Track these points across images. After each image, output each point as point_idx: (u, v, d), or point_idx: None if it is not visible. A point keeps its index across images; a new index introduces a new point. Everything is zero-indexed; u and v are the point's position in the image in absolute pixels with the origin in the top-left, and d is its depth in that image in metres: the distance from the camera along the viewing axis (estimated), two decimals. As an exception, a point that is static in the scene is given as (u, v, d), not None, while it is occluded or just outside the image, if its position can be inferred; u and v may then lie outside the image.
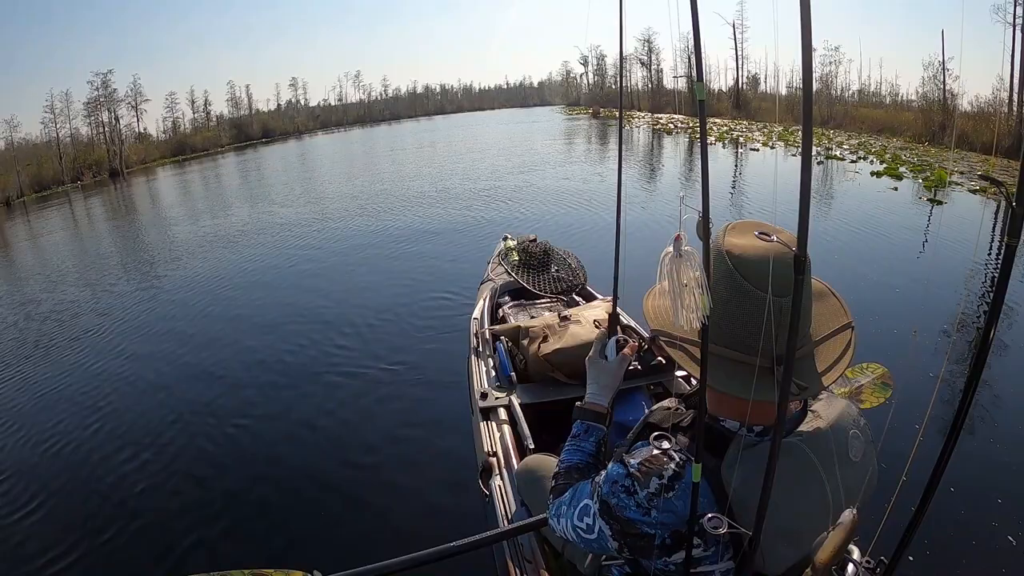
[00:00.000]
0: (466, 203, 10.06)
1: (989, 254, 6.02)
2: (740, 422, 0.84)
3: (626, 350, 1.20)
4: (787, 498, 0.80)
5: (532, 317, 2.99)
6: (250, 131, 48.70)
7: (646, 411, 1.08)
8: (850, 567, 1.07)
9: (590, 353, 1.22)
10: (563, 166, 14.51)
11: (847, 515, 1.00)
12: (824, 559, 0.93)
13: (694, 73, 0.70)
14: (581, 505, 0.93)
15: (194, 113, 47.70)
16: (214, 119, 49.09)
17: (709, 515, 0.78)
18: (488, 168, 14.90)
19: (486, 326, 2.84)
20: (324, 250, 7.61)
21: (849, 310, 0.92)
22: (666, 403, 1.06)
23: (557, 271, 3.33)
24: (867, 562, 1.06)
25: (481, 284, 3.61)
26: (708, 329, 0.72)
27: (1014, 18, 17.76)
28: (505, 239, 3.68)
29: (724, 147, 17.37)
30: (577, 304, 3.01)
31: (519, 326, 2.53)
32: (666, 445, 0.85)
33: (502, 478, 1.85)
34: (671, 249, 0.73)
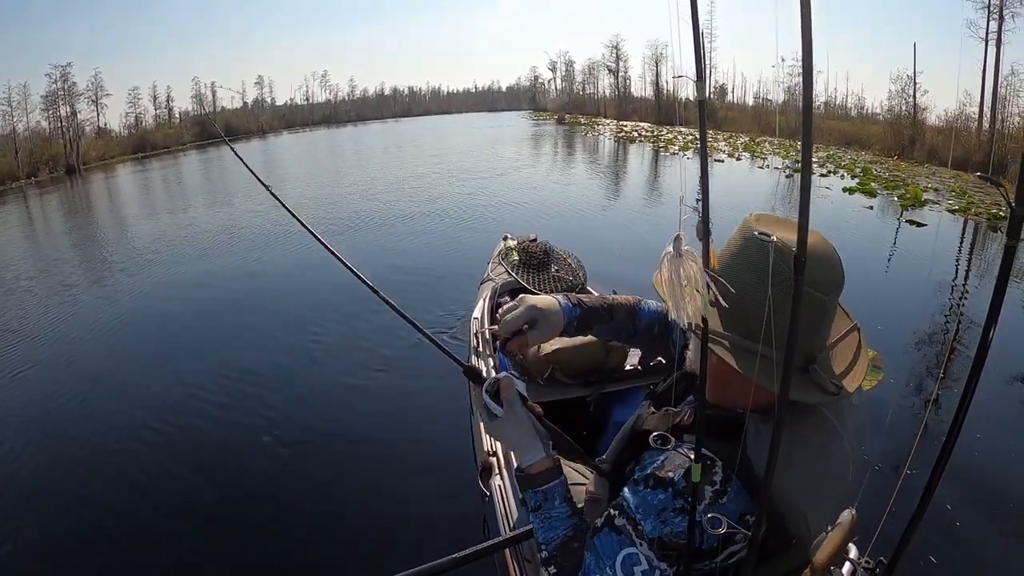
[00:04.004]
0: (461, 203, 10.07)
1: (967, 261, 6.01)
2: (742, 408, 0.82)
3: (507, 389, 1.00)
4: (820, 462, 0.80)
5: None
6: (213, 129, 46.73)
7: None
8: (847, 566, 1.07)
9: (481, 422, 1.06)
10: (530, 169, 14.70)
11: (845, 515, 1.00)
12: (823, 559, 0.93)
13: (692, 72, 0.69)
14: (621, 558, 0.81)
15: (156, 109, 46.62)
16: (177, 116, 47.91)
17: (709, 514, 0.77)
18: (473, 168, 14.98)
19: (486, 326, 2.85)
20: (315, 253, 7.33)
21: (849, 313, 0.92)
22: (640, 411, 1.02)
23: (557, 271, 3.33)
24: (866, 562, 1.06)
25: (481, 284, 3.61)
26: (708, 327, 0.72)
27: (987, 33, 17.92)
28: (505, 239, 3.68)
29: (689, 158, 17.10)
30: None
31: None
32: (687, 450, 0.81)
33: (502, 478, 1.85)
34: (671, 249, 0.73)
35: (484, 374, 1.07)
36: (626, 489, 0.85)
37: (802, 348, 0.79)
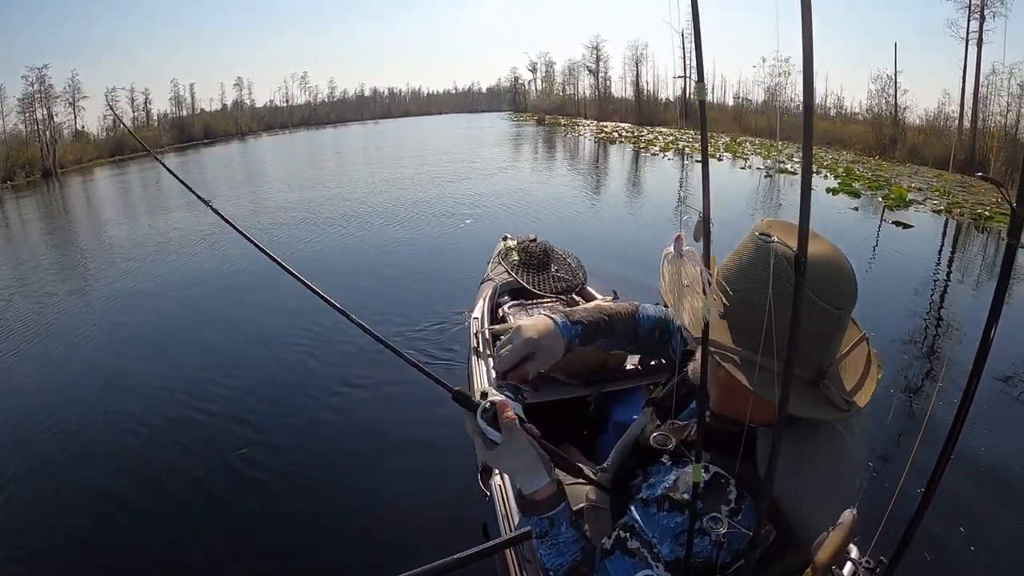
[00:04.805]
0: (452, 204, 10.04)
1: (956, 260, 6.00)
2: (741, 421, 0.81)
3: (507, 414, 0.94)
4: (830, 474, 0.80)
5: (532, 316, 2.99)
6: (192, 131, 46.70)
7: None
8: (849, 566, 1.07)
9: (476, 450, 0.97)
10: (514, 170, 14.79)
11: (847, 515, 1.00)
12: (824, 559, 0.93)
13: (692, 74, 0.69)
14: None
15: (134, 111, 45.79)
16: (156, 118, 47.18)
17: (711, 513, 0.77)
18: (457, 169, 15.03)
19: (486, 326, 2.85)
20: (311, 254, 7.25)
21: (858, 322, 0.90)
22: (643, 419, 1.01)
23: (557, 271, 3.33)
24: (867, 562, 1.06)
25: (481, 284, 3.62)
26: (709, 330, 0.72)
27: (967, 33, 18.01)
28: (505, 239, 3.68)
29: (669, 159, 17.13)
30: (577, 304, 3.01)
31: (519, 325, 2.53)
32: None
33: (502, 478, 1.85)
34: (671, 249, 0.73)
35: (475, 397, 1.01)
36: (636, 509, 0.83)
37: (813, 362, 0.77)
